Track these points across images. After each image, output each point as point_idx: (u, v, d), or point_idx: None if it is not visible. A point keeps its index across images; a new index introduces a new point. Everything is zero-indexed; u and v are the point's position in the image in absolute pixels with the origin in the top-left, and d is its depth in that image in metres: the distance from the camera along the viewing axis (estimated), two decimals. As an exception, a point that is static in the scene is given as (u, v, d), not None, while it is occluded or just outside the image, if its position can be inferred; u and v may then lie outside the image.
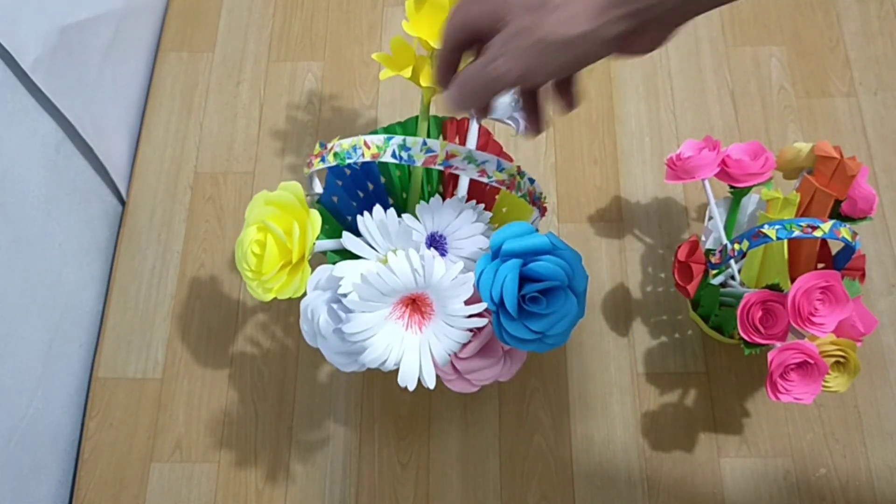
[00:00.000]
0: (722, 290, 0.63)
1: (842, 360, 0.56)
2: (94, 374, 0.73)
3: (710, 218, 0.65)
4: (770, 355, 0.55)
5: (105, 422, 0.71)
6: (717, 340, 0.69)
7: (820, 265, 0.64)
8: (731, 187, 0.64)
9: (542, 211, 0.56)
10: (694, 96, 0.82)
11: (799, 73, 0.82)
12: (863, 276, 0.62)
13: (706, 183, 0.63)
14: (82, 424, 0.72)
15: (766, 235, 0.56)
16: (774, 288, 0.57)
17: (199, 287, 0.76)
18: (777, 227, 0.55)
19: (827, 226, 0.55)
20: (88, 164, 0.75)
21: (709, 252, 0.62)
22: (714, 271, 0.62)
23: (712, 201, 0.64)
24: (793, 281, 0.60)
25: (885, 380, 0.69)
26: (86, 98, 0.73)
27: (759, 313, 0.56)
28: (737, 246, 0.58)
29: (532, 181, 0.53)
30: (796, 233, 0.55)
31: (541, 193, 0.54)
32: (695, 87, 0.82)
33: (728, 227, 0.65)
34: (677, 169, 0.63)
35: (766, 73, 0.82)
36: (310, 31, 0.88)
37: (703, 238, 0.65)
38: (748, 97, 0.81)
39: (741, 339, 0.57)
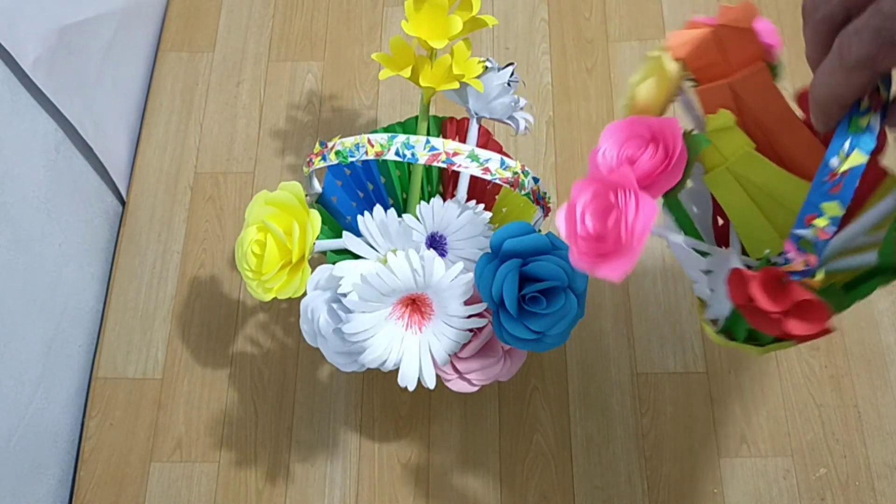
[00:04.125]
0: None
1: None
2: (94, 374, 0.73)
3: (676, 249, 0.41)
4: None
5: (105, 422, 0.71)
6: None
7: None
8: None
9: (546, 210, 0.56)
10: (694, 96, 0.82)
11: (798, 73, 0.82)
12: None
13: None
14: (82, 424, 0.72)
15: (852, 169, 0.30)
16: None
17: (199, 287, 0.76)
18: (849, 140, 0.30)
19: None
20: (88, 164, 0.75)
21: (785, 262, 0.33)
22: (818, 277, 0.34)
23: (670, 238, 0.40)
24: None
25: (885, 380, 0.69)
26: (86, 98, 0.73)
27: None
28: (819, 222, 0.31)
29: (536, 180, 0.53)
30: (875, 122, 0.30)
31: (545, 193, 0.54)
32: (695, 87, 0.82)
33: (690, 233, 0.42)
34: (608, 251, 0.36)
35: (766, 73, 0.82)
36: (310, 31, 0.88)
37: (693, 278, 0.41)
38: (748, 97, 0.81)
39: None
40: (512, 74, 0.57)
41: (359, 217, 0.51)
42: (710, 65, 0.36)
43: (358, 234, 0.51)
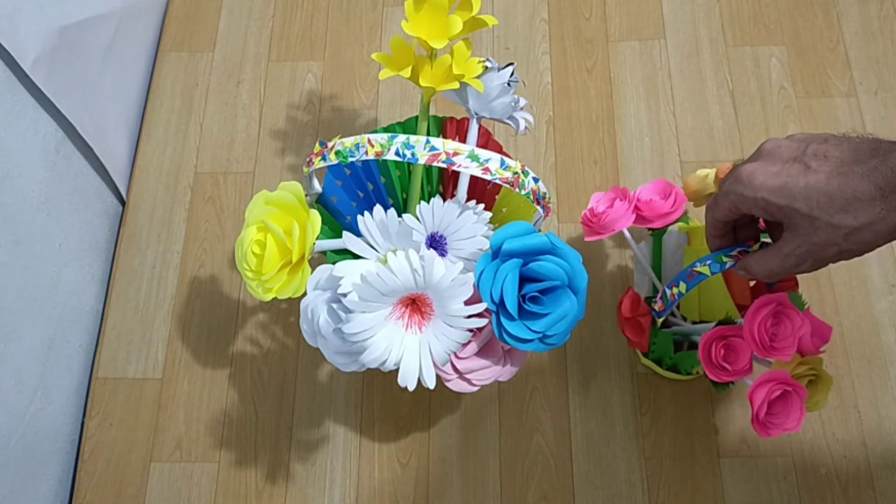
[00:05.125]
0: (669, 329, 0.63)
1: (814, 377, 0.56)
2: (94, 374, 0.73)
3: (637, 263, 0.65)
4: (749, 396, 0.54)
5: (105, 422, 0.71)
6: (674, 380, 0.69)
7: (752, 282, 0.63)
8: (650, 229, 0.64)
9: (546, 210, 0.56)
10: (694, 96, 0.82)
11: (799, 73, 0.82)
12: (795, 285, 0.60)
13: (626, 233, 0.63)
14: (82, 424, 0.72)
15: (700, 273, 0.54)
16: (726, 321, 0.57)
17: (199, 287, 0.76)
18: (709, 262, 0.53)
19: (756, 248, 0.53)
20: (88, 164, 0.75)
21: (649, 301, 0.62)
22: (660, 319, 0.61)
23: (635, 247, 0.65)
24: (737, 304, 0.62)
25: (885, 380, 0.69)
26: (86, 98, 0.73)
27: (722, 351, 0.55)
28: (675, 290, 0.56)
29: (536, 180, 0.53)
30: (729, 264, 0.53)
31: (545, 193, 0.54)
32: (695, 87, 0.82)
33: (656, 267, 0.65)
34: (594, 225, 0.62)
35: (766, 73, 0.82)
36: (310, 31, 0.88)
37: (636, 282, 0.66)
38: (748, 97, 0.81)
39: (711, 381, 0.56)
40: (512, 74, 0.57)
41: (359, 217, 0.51)
42: None
43: (358, 234, 0.51)
